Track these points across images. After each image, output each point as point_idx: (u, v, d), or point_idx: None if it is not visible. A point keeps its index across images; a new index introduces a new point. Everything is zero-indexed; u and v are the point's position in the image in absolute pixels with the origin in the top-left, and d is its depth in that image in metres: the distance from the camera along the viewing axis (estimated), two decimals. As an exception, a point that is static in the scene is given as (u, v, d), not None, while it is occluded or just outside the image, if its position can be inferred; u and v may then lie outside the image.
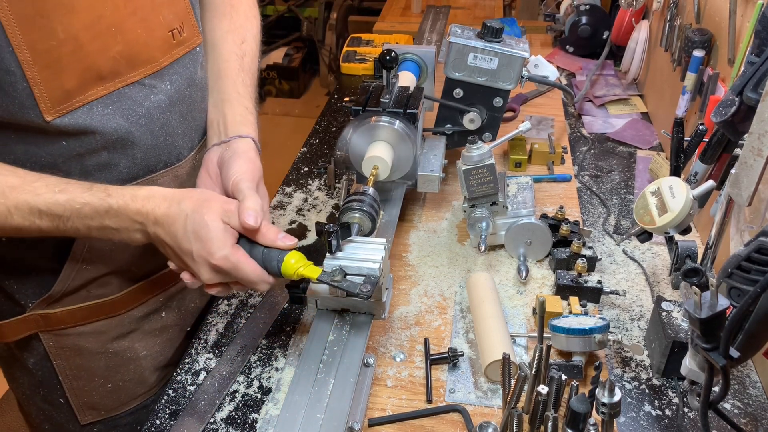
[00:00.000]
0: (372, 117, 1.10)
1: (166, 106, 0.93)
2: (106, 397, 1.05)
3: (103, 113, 0.85)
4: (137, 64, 0.88)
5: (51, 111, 0.80)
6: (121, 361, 1.04)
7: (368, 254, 0.88)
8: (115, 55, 0.84)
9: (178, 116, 0.96)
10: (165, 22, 0.90)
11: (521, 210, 1.16)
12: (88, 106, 0.84)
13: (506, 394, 0.79)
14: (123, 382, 1.06)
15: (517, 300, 1.08)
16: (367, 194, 0.97)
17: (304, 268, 0.83)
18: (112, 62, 0.84)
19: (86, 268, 0.94)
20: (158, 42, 0.90)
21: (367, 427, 0.87)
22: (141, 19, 0.87)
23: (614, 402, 0.70)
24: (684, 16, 1.42)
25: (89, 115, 0.84)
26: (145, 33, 0.87)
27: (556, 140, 1.46)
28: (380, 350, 0.99)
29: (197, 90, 1.00)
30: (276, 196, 1.38)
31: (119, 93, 0.87)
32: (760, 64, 0.83)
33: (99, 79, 0.84)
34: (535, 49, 1.97)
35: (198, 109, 1.01)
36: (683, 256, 0.96)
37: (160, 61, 0.91)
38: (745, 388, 0.93)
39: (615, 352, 0.99)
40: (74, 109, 0.82)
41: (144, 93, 0.90)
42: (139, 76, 0.88)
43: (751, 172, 0.77)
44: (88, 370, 1.03)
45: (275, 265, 0.83)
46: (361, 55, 1.95)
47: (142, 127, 0.90)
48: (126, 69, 0.86)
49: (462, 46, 1.20)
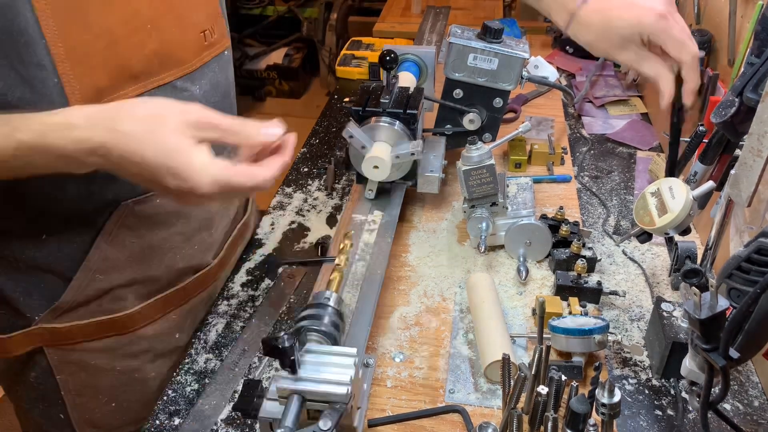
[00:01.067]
0: (372, 117, 1.10)
1: None
2: (108, 416, 1.02)
3: None
4: (170, 65, 0.85)
5: None
6: (129, 381, 1.01)
7: (333, 372, 0.68)
8: (149, 54, 0.81)
9: None
10: (198, 22, 0.88)
11: (521, 210, 1.16)
12: None
13: (506, 395, 0.79)
14: (128, 403, 1.02)
15: (517, 300, 1.08)
16: (327, 306, 0.79)
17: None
18: (145, 61, 0.81)
19: (100, 278, 0.91)
20: (191, 42, 0.88)
21: (366, 428, 0.87)
22: (176, 17, 0.84)
23: (614, 402, 0.70)
24: (684, 16, 1.42)
25: None
26: (179, 32, 0.85)
27: (555, 141, 1.46)
28: (380, 351, 0.99)
29: (224, 97, 0.98)
30: (276, 196, 1.38)
31: (150, 95, 0.83)
32: (760, 65, 0.83)
33: (131, 78, 0.81)
34: (535, 50, 1.97)
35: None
36: (683, 257, 0.96)
37: (192, 63, 0.88)
38: (745, 389, 0.93)
39: (615, 352, 0.99)
40: None
41: (175, 96, 0.86)
42: (171, 77, 0.86)
43: (751, 172, 0.77)
44: (92, 387, 0.99)
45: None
46: (358, 58, 1.95)
47: None
48: (159, 69, 0.84)
49: (462, 47, 1.20)
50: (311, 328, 0.76)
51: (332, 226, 1.28)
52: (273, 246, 1.24)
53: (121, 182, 0.83)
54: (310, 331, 0.76)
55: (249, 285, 1.15)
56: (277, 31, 4.46)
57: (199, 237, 1.01)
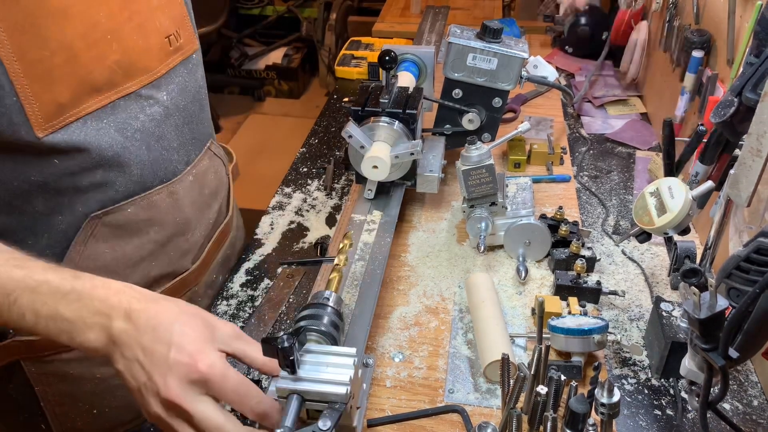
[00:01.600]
0: (371, 117, 1.10)
1: (162, 118, 0.90)
2: (91, 423, 1.00)
3: (98, 127, 0.81)
4: (134, 74, 0.84)
5: (43, 127, 0.75)
6: (109, 387, 0.99)
7: (333, 373, 0.68)
8: (111, 65, 0.80)
9: (174, 128, 0.93)
10: (161, 27, 0.87)
11: (520, 210, 1.16)
12: (82, 121, 0.79)
13: (505, 395, 0.79)
14: (110, 408, 1.00)
15: (517, 300, 1.08)
16: (327, 306, 0.79)
17: None
18: (108, 72, 0.80)
19: None
20: (155, 49, 0.86)
21: (366, 428, 0.87)
22: (137, 25, 0.83)
23: (613, 402, 0.70)
24: (683, 16, 1.42)
25: (83, 130, 0.79)
26: (142, 39, 0.84)
27: (555, 141, 1.46)
28: (379, 351, 0.99)
29: (193, 100, 0.97)
30: (275, 196, 1.38)
31: (114, 105, 0.82)
32: (759, 65, 0.83)
33: (94, 91, 0.79)
34: (535, 50, 1.97)
35: (195, 121, 0.98)
36: (682, 257, 0.96)
37: (157, 69, 0.87)
38: (745, 389, 0.93)
39: (614, 352, 0.99)
40: (68, 124, 0.77)
41: (139, 105, 0.86)
42: (136, 86, 0.84)
43: (750, 172, 0.77)
44: (72, 396, 0.97)
45: None
46: (358, 58, 1.95)
47: (138, 142, 0.86)
48: (122, 79, 0.82)
49: (461, 47, 1.20)
50: (310, 328, 0.76)
51: (331, 226, 1.28)
52: (272, 246, 1.24)
53: (91, 194, 0.84)
54: (310, 331, 0.76)
55: (248, 285, 1.15)
56: (276, 31, 4.45)
57: (175, 243, 0.99)
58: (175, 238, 0.98)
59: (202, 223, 1.05)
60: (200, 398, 0.66)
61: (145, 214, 0.92)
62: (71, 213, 0.85)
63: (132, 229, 0.92)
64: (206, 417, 0.65)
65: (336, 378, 0.68)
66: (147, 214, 0.92)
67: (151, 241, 0.94)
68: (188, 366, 0.65)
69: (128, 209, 0.89)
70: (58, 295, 0.67)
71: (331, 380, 0.67)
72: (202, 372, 0.65)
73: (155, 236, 0.95)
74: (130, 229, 0.91)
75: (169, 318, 0.67)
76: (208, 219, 1.07)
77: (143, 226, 0.93)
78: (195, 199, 1.01)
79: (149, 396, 0.66)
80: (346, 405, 0.67)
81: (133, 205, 0.90)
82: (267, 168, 3.72)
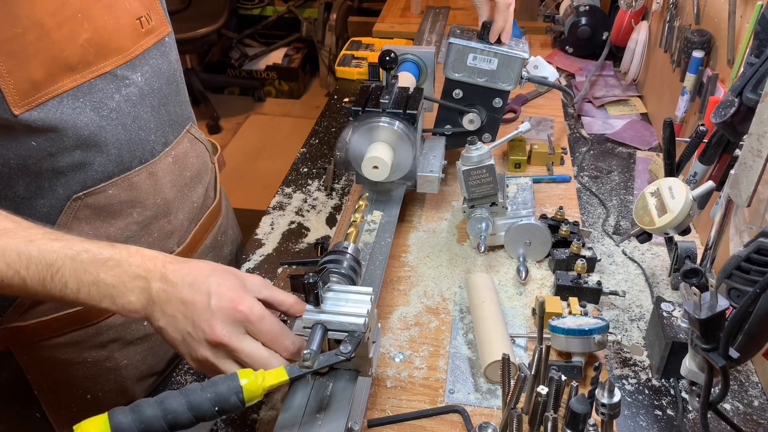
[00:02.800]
0: (372, 117, 1.10)
1: (137, 98, 0.91)
2: (85, 409, 1.00)
3: (74, 106, 0.82)
4: (107, 54, 0.85)
5: (19, 104, 0.76)
6: (101, 371, 1.00)
7: (352, 307, 0.79)
8: (84, 43, 0.81)
9: (150, 110, 0.94)
10: (131, 9, 0.88)
11: (521, 211, 1.16)
12: (58, 99, 0.80)
13: (506, 395, 0.79)
14: (103, 393, 1.01)
15: (517, 300, 1.08)
16: (346, 253, 0.88)
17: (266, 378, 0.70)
18: (80, 50, 0.81)
19: None
20: (127, 30, 0.87)
21: (366, 428, 0.87)
22: (107, 5, 0.84)
23: (614, 402, 0.70)
24: (683, 17, 1.42)
25: (59, 109, 0.81)
26: (112, 19, 0.85)
27: (555, 141, 1.46)
28: (380, 351, 0.99)
29: (168, 83, 0.98)
30: (276, 196, 1.38)
31: (90, 85, 0.84)
32: (760, 65, 0.83)
33: (68, 70, 0.80)
34: (535, 50, 1.97)
35: (171, 103, 0.99)
36: (683, 257, 0.96)
37: (131, 50, 0.88)
38: (745, 389, 0.93)
39: (614, 352, 0.99)
40: (43, 101, 0.79)
41: (115, 85, 0.87)
42: (110, 66, 0.86)
43: (751, 172, 0.77)
44: (65, 382, 0.98)
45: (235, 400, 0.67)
46: (358, 59, 1.95)
47: (114, 121, 0.88)
48: (95, 58, 0.83)
49: (461, 47, 1.20)
50: (332, 269, 0.85)
51: (332, 226, 1.28)
52: (273, 246, 1.24)
53: (71, 175, 0.85)
54: (332, 272, 0.85)
55: (249, 285, 1.15)
56: (276, 31, 4.46)
57: (157, 225, 1.00)
58: (157, 220, 0.99)
59: (185, 205, 1.05)
60: (244, 336, 0.73)
61: (126, 195, 0.93)
62: (53, 195, 0.86)
63: (114, 211, 0.93)
64: (252, 351, 0.73)
65: (355, 311, 0.78)
66: (128, 195, 0.93)
67: (133, 222, 0.96)
68: (230, 309, 0.72)
69: (109, 190, 0.90)
70: (98, 262, 0.71)
71: (351, 312, 0.78)
72: (243, 312, 0.72)
73: (138, 217, 0.96)
74: (113, 210, 0.92)
75: (204, 273, 0.74)
76: (192, 202, 1.07)
77: (125, 207, 0.94)
78: (175, 181, 1.01)
79: (195, 343, 0.72)
80: (363, 334, 0.77)
81: (114, 186, 0.91)
82: (267, 168, 3.73)
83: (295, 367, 0.72)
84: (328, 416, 0.79)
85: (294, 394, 0.80)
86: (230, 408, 0.67)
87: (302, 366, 0.72)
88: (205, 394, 0.67)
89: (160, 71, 0.95)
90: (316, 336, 0.76)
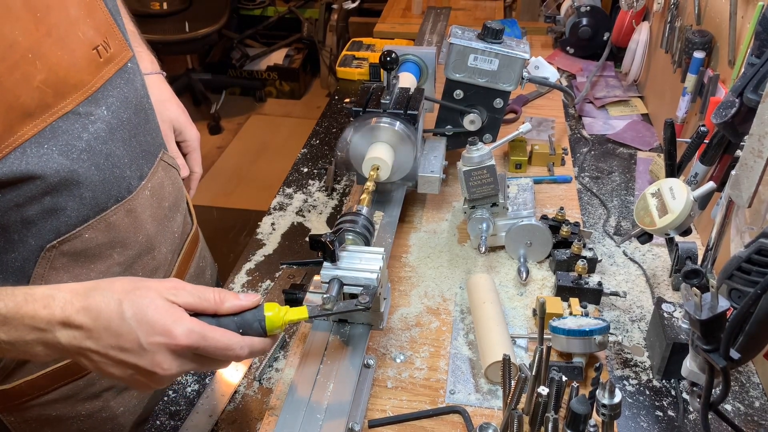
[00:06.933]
0: (372, 118, 1.10)
1: (107, 134, 0.83)
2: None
3: (39, 154, 0.75)
4: (66, 92, 0.77)
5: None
6: (96, 423, 0.94)
7: (366, 264, 0.86)
8: (39, 85, 0.74)
9: (122, 144, 0.86)
10: (86, 39, 0.80)
11: (521, 211, 1.16)
12: (21, 149, 0.73)
13: (506, 396, 0.79)
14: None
15: (518, 301, 1.07)
16: (360, 214, 0.94)
17: (289, 313, 0.76)
18: (37, 93, 0.73)
19: None
20: (83, 63, 0.79)
21: (367, 428, 0.87)
22: (58, 40, 0.76)
23: (614, 403, 0.70)
24: (684, 17, 1.42)
25: (23, 159, 0.73)
26: (66, 54, 0.77)
27: (556, 141, 1.46)
28: (380, 351, 0.99)
29: (137, 112, 0.90)
30: (276, 197, 1.38)
31: (52, 128, 0.76)
32: (761, 66, 0.83)
33: (26, 116, 0.73)
34: (536, 51, 1.97)
35: (142, 133, 0.92)
36: (683, 258, 0.96)
37: (91, 84, 0.81)
38: (746, 390, 0.93)
39: (615, 353, 0.99)
40: (5, 155, 0.71)
41: (80, 123, 0.79)
42: (71, 104, 0.78)
43: (752, 173, 0.77)
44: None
45: (258, 327, 0.73)
46: (359, 59, 1.95)
47: (86, 162, 0.80)
48: (54, 99, 0.76)
49: (462, 48, 1.20)
50: (348, 229, 0.91)
51: (332, 226, 1.28)
52: (273, 246, 1.24)
53: (42, 224, 0.79)
54: (347, 232, 0.91)
55: (249, 285, 1.15)
56: (277, 31, 4.46)
57: (141, 263, 0.94)
58: (140, 258, 0.94)
59: (167, 238, 1.00)
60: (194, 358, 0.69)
61: (104, 237, 0.86)
62: (24, 247, 0.80)
63: (93, 255, 0.86)
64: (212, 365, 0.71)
65: (368, 267, 0.85)
66: (106, 236, 0.87)
67: (115, 264, 0.89)
68: (167, 345, 0.66)
69: (85, 234, 0.84)
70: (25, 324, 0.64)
71: (365, 269, 0.85)
72: (182, 345, 0.66)
73: (119, 258, 0.90)
74: (91, 254, 0.86)
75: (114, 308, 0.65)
76: (173, 232, 1.02)
77: (104, 249, 0.87)
78: (155, 214, 0.95)
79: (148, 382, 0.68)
80: (377, 288, 0.83)
81: (90, 229, 0.84)
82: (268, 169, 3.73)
83: (316, 308, 0.79)
84: (328, 416, 0.79)
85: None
86: (252, 332, 0.73)
87: (323, 309, 0.79)
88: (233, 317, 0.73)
89: (126, 101, 0.88)
90: (333, 289, 0.82)
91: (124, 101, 0.87)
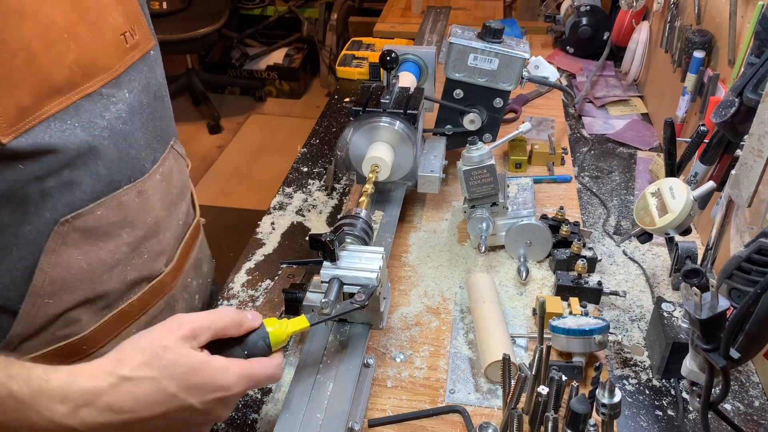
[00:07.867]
0: (372, 118, 1.10)
1: (128, 116, 0.87)
2: None
3: (62, 129, 0.78)
4: (93, 73, 0.81)
5: (7, 132, 0.72)
6: None
7: (365, 263, 0.86)
8: (71, 65, 0.78)
9: (140, 126, 0.90)
10: (115, 25, 0.85)
11: (521, 211, 1.16)
12: (45, 123, 0.76)
13: (506, 395, 0.79)
14: None
15: (517, 301, 1.08)
16: (359, 217, 0.94)
17: (290, 326, 0.78)
18: (67, 72, 0.77)
19: (49, 302, 0.84)
20: (111, 47, 0.84)
21: (366, 428, 0.87)
22: (91, 23, 0.80)
23: (614, 403, 0.70)
24: (684, 17, 1.42)
25: (47, 133, 0.76)
26: (97, 38, 0.81)
27: (556, 141, 1.46)
28: (380, 351, 0.99)
29: (156, 98, 0.94)
30: (276, 196, 1.38)
31: (76, 106, 0.79)
32: (760, 65, 0.83)
33: (55, 93, 0.76)
34: (536, 50, 1.97)
35: (158, 118, 0.96)
36: (683, 257, 0.96)
37: (116, 67, 0.85)
38: (746, 389, 0.93)
39: (615, 352, 0.99)
40: (31, 127, 0.74)
41: (103, 104, 0.83)
42: (97, 85, 0.82)
43: (751, 173, 0.77)
44: None
45: (263, 344, 0.75)
46: (359, 59, 1.95)
47: (105, 140, 0.84)
48: (82, 79, 0.80)
49: (462, 47, 1.20)
50: (347, 231, 0.91)
51: (332, 226, 1.28)
52: (273, 246, 1.24)
53: (58, 197, 0.80)
54: (347, 234, 0.91)
55: (249, 285, 1.15)
56: (277, 31, 4.46)
57: (148, 245, 0.95)
58: (147, 240, 0.95)
59: (172, 224, 1.02)
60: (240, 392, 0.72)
61: (115, 215, 0.88)
62: (39, 220, 0.81)
63: (103, 233, 0.88)
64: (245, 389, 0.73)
65: (368, 266, 0.85)
66: (117, 215, 0.89)
67: (123, 244, 0.91)
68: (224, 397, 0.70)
69: (98, 211, 0.86)
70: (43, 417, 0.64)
71: (364, 268, 0.85)
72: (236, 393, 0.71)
73: (128, 238, 0.91)
74: (102, 232, 0.88)
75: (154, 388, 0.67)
76: (178, 219, 1.04)
77: (115, 228, 0.89)
78: (164, 199, 0.98)
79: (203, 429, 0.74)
80: (376, 287, 0.84)
81: (103, 207, 0.86)
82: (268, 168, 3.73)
83: (315, 315, 0.80)
84: (328, 415, 0.79)
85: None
86: (258, 352, 0.74)
87: (321, 314, 0.79)
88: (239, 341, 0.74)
89: (147, 86, 0.92)
90: (333, 289, 0.82)
91: (145, 86, 0.91)
